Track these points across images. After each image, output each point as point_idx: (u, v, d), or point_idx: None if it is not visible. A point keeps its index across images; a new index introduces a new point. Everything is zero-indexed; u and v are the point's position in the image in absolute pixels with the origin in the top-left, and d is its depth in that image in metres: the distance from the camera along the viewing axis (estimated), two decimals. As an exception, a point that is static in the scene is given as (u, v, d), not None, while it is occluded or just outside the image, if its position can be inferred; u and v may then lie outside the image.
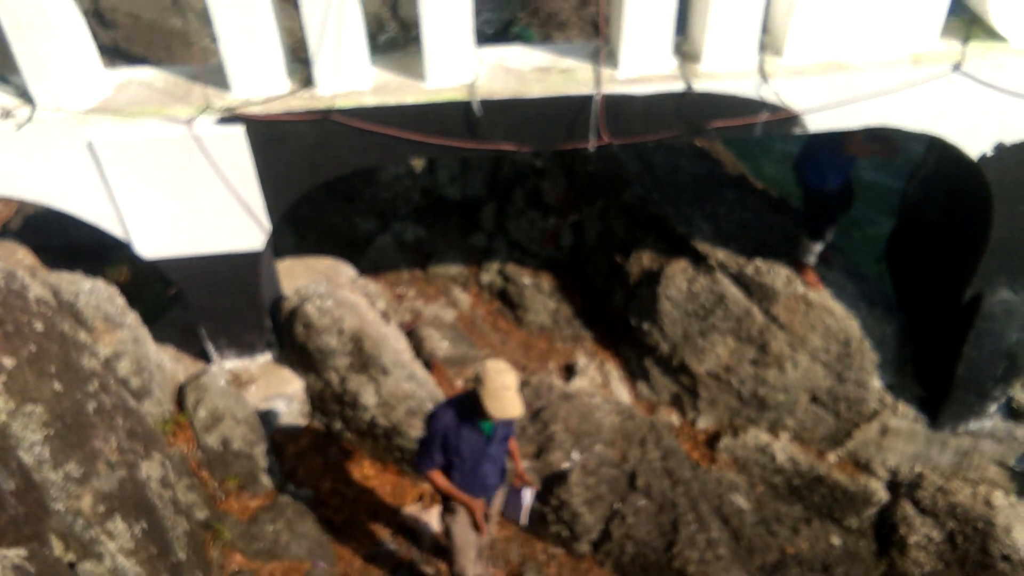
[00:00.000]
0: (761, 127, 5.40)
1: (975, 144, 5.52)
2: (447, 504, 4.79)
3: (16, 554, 3.58)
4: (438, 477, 4.53)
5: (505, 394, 4.11)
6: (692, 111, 5.28)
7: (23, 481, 3.94)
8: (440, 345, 7.48)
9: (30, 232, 8.63)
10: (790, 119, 5.36)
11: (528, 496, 4.81)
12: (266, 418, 6.33)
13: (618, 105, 5.20)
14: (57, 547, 4.09)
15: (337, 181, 8.52)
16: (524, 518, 4.86)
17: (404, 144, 5.29)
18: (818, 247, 6.66)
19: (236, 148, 5.21)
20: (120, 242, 5.74)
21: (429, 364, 7.23)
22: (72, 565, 4.12)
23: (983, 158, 5.56)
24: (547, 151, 8.41)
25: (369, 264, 8.29)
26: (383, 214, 8.68)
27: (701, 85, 5.17)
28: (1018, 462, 6.89)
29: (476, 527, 4.77)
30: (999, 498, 6.56)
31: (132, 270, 8.26)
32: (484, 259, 8.56)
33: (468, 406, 4.33)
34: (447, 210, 8.83)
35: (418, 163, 8.70)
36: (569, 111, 5.22)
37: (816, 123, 5.40)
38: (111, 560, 4.31)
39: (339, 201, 8.68)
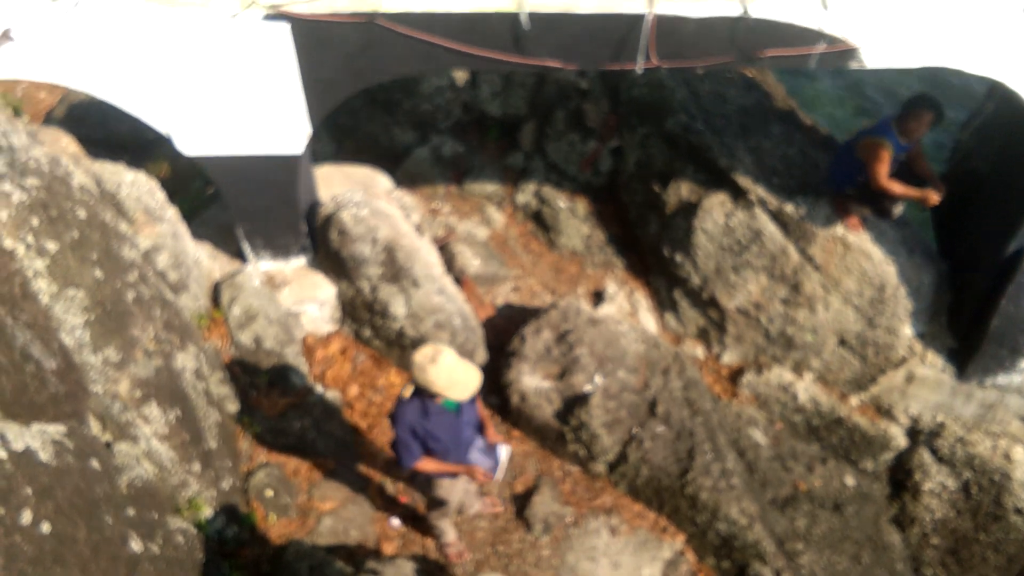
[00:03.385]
0: (817, 59, 5.23)
1: (1037, 92, 5.33)
2: (438, 482, 4.80)
3: (56, 430, 3.74)
4: (427, 463, 4.45)
5: (457, 375, 4.07)
6: (746, 37, 5.12)
7: (64, 362, 4.08)
8: (472, 262, 7.51)
9: (73, 122, 8.73)
10: (847, 52, 5.18)
11: (504, 453, 4.77)
12: (298, 321, 6.46)
13: (670, 26, 5.05)
14: (95, 427, 4.27)
15: (378, 90, 8.49)
16: (500, 474, 4.80)
17: (448, 54, 5.21)
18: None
19: (281, 47, 5.17)
20: (161, 138, 5.77)
21: (460, 280, 7.28)
22: (109, 445, 4.30)
23: (1044, 107, 5.38)
24: (593, 71, 8.24)
25: (405, 176, 8.28)
26: (422, 126, 8.61)
27: (757, 10, 5.00)
28: (1043, 418, 6.86)
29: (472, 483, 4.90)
30: (1019, 452, 6.54)
31: (172, 167, 8.35)
32: (521, 179, 8.51)
33: (426, 396, 4.25)
34: (486, 127, 8.74)
35: (460, 76, 8.57)
36: (619, 30, 5.09)
37: (874, 59, 5.22)
38: (146, 443, 4.50)
39: (379, 111, 8.62)
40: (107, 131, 9.06)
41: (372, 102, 8.65)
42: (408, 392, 4.31)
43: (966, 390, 6.90)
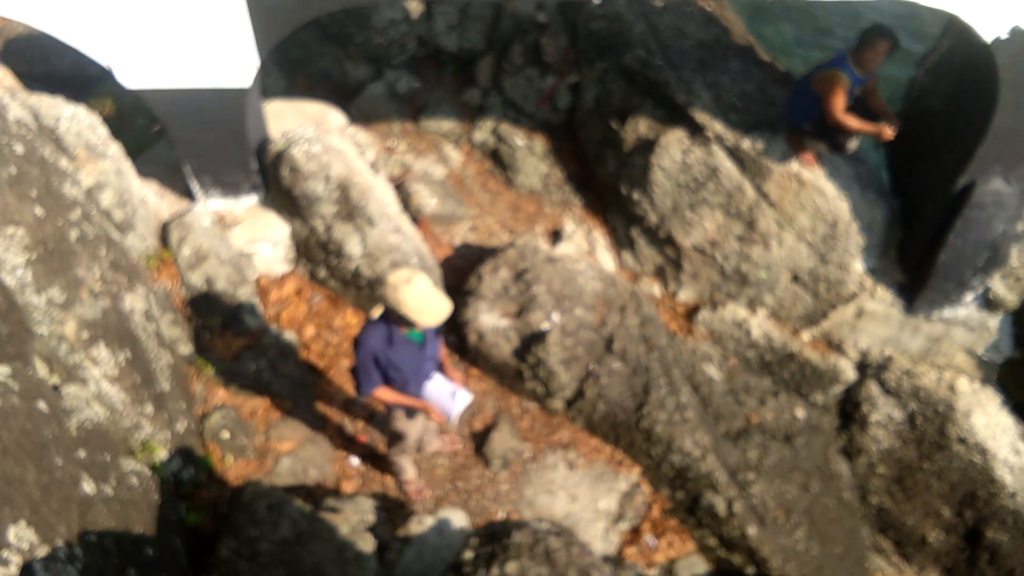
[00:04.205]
0: (775, -10, 5.17)
1: (991, 26, 5.34)
2: (395, 414, 4.84)
3: (0, 371, 3.64)
4: (385, 393, 4.48)
5: (427, 301, 4.07)
6: (705, -32, 5.03)
7: (5, 302, 3.96)
8: (428, 201, 7.42)
9: (10, 57, 8.35)
10: (806, -16, 5.13)
11: (463, 400, 4.67)
12: (250, 261, 6.34)
13: (628, -44, 4.94)
14: (41, 369, 4.17)
15: (329, 23, 8.22)
16: (455, 419, 4.72)
17: (401, -17, 5.04)
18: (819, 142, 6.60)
19: (224, -26, 4.96)
20: (104, 74, 5.53)
21: (416, 219, 7.19)
22: (56, 387, 4.21)
23: (997, 41, 5.39)
24: (551, 1, 8.07)
25: (359, 112, 8.09)
26: (376, 61, 8.39)
27: (717, -60, 4.91)
28: (987, 351, 7.07)
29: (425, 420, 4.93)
30: (963, 384, 6.75)
31: (117, 104, 8.05)
32: (478, 116, 8.37)
33: (392, 322, 4.25)
34: (442, 62, 8.54)
35: (415, 8, 8.33)
36: (576, -41, 4.96)
37: (832, -10, 5.18)
38: (95, 385, 4.41)
39: (331, 45, 8.36)
40: (47, 67, 8.69)
41: (324, 36, 8.38)
42: (376, 313, 4.32)
43: (914, 324, 7.07)
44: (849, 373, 7.18)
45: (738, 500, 5.91)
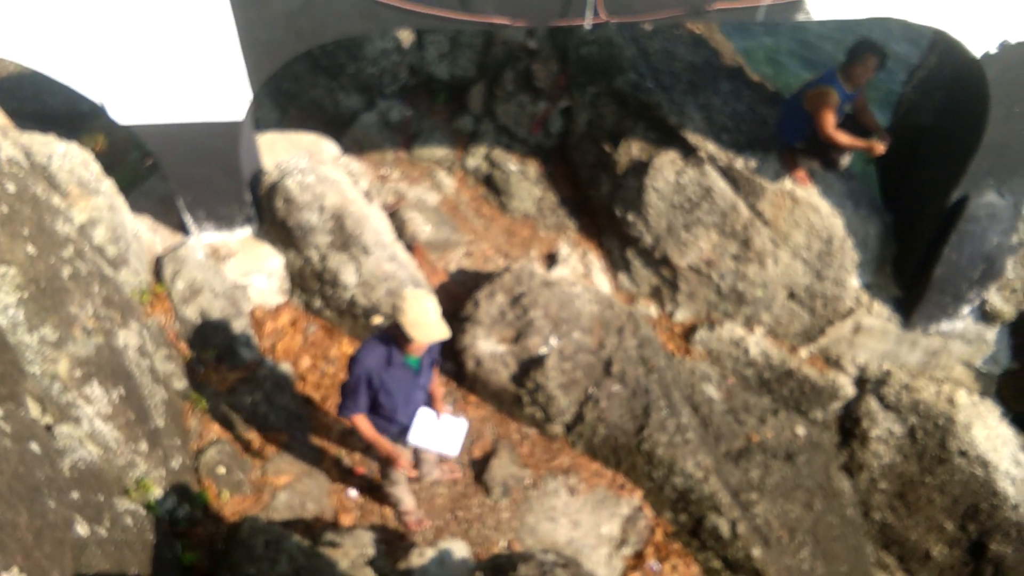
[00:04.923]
0: (764, 11, 5.19)
1: (979, 41, 5.37)
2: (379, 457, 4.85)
3: (-8, 413, 3.60)
4: (362, 424, 4.48)
5: (427, 319, 4.11)
6: (693, -9, 5.06)
7: (-3, 342, 3.92)
8: (423, 228, 7.41)
9: (2, 96, 8.37)
10: (794, 4, 5.16)
11: (464, 426, 4.78)
12: (245, 293, 6.32)
13: (616, -19, 4.98)
14: (34, 409, 4.13)
15: (321, 54, 8.27)
16: (456, 449, 4.77)
17: (391, 13, 5.06)
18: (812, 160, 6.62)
19: (217, 5, 4.97)
20: (96, 109, 5.54)
21: (411, 247, 7.18)
22: (49, 427, 4.17)
23: (986, 56, 5.42)
24: (542, 28, 8.12)
25: (352, 142, 8.11)
26: (368, 91, 8.42)
27: (703, -37, 4.95)
28: (985, 363, 7.04)
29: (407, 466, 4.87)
30: (962, 397, 6.73)
31: (109, 139, 8.07)
32: (470, 143, 8.39)
33: (393, 342, 4.29)
34: (434, 90, 8.58)
35: (406, 38, 8.38)
36: (564, -15, 4.99)
37: (820, 10, 5.21)
38: (89, 424, 4.37)
39: (323, 76, 8.40)
40: (40, 104, 8.73)
41: (315, 67, 8.43)
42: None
43: (911, 338, 7.05)
44: (848, 389, 7.16)
45: (742, 521, 5.85)
